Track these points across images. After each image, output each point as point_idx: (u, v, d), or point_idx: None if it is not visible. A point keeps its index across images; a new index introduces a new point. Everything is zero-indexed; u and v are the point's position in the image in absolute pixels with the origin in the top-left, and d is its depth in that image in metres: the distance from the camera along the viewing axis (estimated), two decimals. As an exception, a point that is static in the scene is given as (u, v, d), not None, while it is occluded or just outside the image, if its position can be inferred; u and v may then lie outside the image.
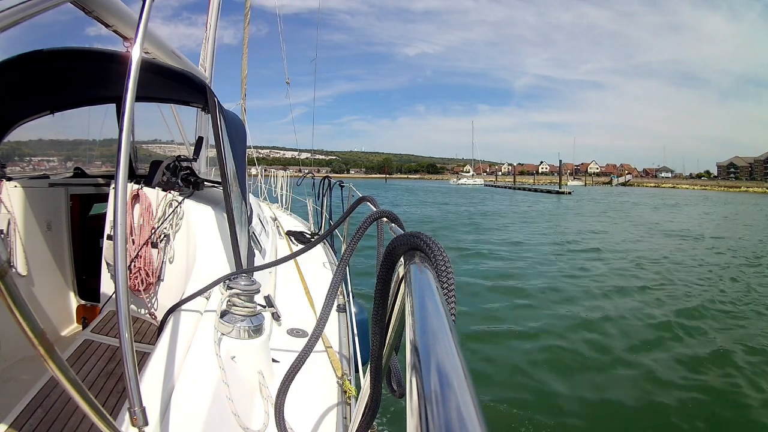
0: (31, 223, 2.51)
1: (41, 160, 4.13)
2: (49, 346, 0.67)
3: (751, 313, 7.09)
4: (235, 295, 1.47)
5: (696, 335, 6.01)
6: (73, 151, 4.46)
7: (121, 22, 1.89)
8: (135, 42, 1.00)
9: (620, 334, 5.96)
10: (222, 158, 1.76)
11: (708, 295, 8.01)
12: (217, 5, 4.78)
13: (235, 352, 1.42)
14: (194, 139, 4.53)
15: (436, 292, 0.47)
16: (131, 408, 0.88)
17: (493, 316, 6.52)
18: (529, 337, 5.76)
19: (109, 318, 2.35)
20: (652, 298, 7.76)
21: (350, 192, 4.91)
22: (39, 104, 2.70)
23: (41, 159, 4.14)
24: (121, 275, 0.92)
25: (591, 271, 10.00)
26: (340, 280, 1.14)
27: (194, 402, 1.18)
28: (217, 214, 2.19)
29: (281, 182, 7.84)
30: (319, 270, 3.34)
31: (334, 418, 1.54)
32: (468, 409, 0.27)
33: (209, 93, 1.92)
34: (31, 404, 1.60)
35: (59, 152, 4.41)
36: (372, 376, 0.81)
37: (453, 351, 0.35)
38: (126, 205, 1.05)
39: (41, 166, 3.95)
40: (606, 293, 8.02)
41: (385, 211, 1.09)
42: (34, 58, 1.96)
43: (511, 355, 5.25)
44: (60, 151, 4.44)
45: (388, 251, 0.65)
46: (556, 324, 6.28)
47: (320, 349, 1.94)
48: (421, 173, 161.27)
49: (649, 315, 6.78)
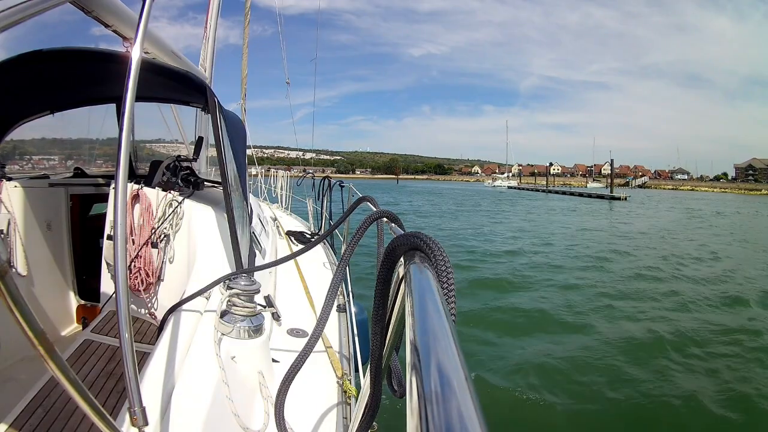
0: (31, 223, 2.51)
1: (41, 158, 4.13)
2: (49, 346, 0.67)
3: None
4: (235, 295, 1.47)
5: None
6: (75, 150, 4.45)
7: (121, 22, 1.89)
8: (135, 42, 1.01)
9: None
10: (222, 158, 1.76)
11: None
12: (217, 5, 4.79)
13: (235, 352, 1.42)
14: (194, 139, 4.53)
15: (436, 292, 0.47)
16: (131, 408, 0.88)
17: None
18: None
19: (109, 318, 2.35)
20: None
21: (350, 192, 4.91)
22: (39, 104, 2.71)
23: (40, 158, 4.13)
24: (121, 275, 0.92)
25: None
26: (340, 280, 1.14)
27: (194, 402, 1.18)
28: (218, 214, 2.19)
29: (281, 182, 7.84)
30: (319, 270, 3.34)
31: (334, 418, 1.54)
32: (468, 409, 0.27)
33: (209, 93, 1.92)
34: (31, 404, 1.60)
35: (60, 151, 4.40)
36: (372, 376, 0.81)
37: (453, 351, 0.35)
38: (126, 205, 1.05)
39: (40, 165, 3.95)
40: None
41: (385, 211, 1.09)
42: (34, 58, 1.96)
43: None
44: (61, 150, 4.44)
45: (388, 251, 0.65)
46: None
47: (320, 349, 1.93)
48: (428, 174, 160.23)
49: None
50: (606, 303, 7.54)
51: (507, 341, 5.76)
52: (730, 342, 5.93)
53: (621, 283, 9.10)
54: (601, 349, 5.49)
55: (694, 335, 6.13)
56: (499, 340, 5.77)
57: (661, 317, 6.88)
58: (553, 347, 5.57)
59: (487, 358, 5.15)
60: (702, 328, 6.43)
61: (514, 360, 5.13)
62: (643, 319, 6.74)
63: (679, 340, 5.91)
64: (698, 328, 6.45)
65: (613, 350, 5.46)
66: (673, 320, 6.72)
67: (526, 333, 6.05)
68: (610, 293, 8.21)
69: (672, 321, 6.68)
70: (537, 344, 5.67)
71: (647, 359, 5.28)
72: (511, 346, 5.59)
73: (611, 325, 6.50)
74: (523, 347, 5.56)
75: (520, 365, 4.96)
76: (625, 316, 6.94)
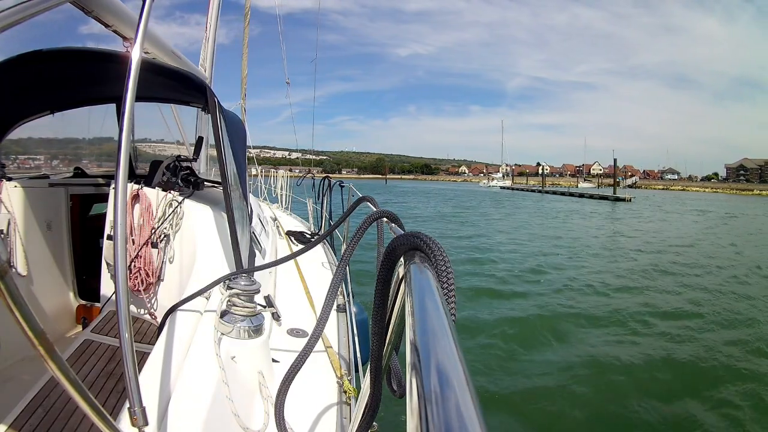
0: (31, 223, 2.51)
1: (27, 158, 4.07)
2: (49, 346, 0.67)
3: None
4: (235, 295, 1.47)
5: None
6: (61, 150, 4.41)
7: (121, 22, 1.89)
8: (135, 42, 1.01)
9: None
10: (222, 158, 1.76)
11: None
12: (217, 5, 4.79)
13: (235, 352, 1.41)
14: (194, 139, 4.53)
15: (436, 292, 0.47)
16: (131, 408, 0.88)
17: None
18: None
19: (109, 318, 2.35)
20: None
21: (350, 192, 4.91)
22: (39, 104, 2.71)
23: (27, 157, 4.07)
24: (121, 275, 0.92)
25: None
26: (340, 280, 1.14)
27: (194, 402, 1.18)
28: (217, 214, 2.19)
29: (281, 182, 7.84)
30: (319, 270, 3.34)
31: (334, 418, 1.54)
32: (468, 409, 0.27)
33: (209, 93, 1.92)
34: (31, 404, 1.60)
35: (46, 151, 4.34)
36: (372, 376, 0.81)
37: (453, 351, 0.35)
38: (126, 205, 1.05)
39: (26, 164, 3.91)
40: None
41: (385, 211, 1.09)
42: (34, 58, 1.97)
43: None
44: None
45: (389, 251, 0.65)
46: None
47: (320, 349, 1.93)
48: (415, 174, 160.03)
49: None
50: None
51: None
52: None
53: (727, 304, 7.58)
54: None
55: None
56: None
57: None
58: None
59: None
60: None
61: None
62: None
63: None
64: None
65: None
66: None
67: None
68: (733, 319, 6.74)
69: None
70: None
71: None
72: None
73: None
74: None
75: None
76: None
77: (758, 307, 7.60)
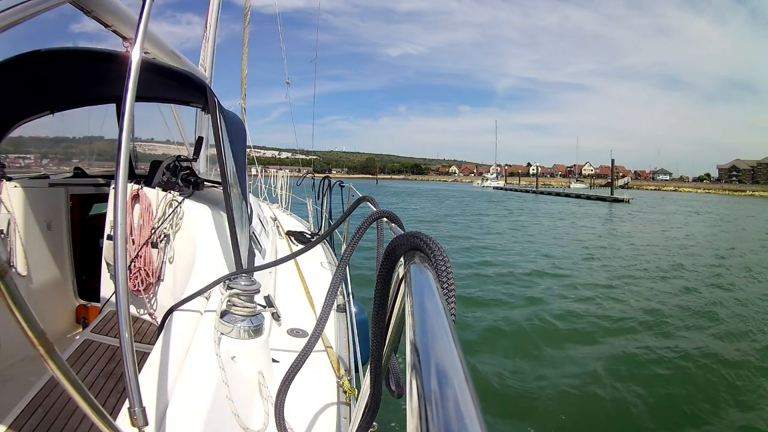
0: (31, 223, 2.51)
1: (17, 157, 4.02)
2: (49, 346, 0.67)
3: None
4: (235, 295, 1.47)
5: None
6: (51, 149, 4.37)
7: (121, 22, 1.89)
8: (135, 42, 1.01)
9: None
10: (222, 158, 1.76)
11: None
12: (217, 5, 4.79)
13: (235, 352, 1.41)
14: (194, 139, 4.53)
15: (436, 292, 0.47)
16: (131, 408, 0.88)
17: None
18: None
19: (109, 318, 2.35)
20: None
21: (350, 192, 4.91)
22: (39, 104, 2.71)
23: (16, 156, 4.02)
24: (121, 275, 0.92)
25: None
26: (340, 280, 1.14)
27: (194, 402, 1.17)
28: (217, 214, 2.19)
29: (281, 182, 7.84)
30: (319, 270, 3.34)
31: (334, 418, 1.54)
32: (468, 409, 0.27)
33: (209, 93, 1.92)
34: (31, 404, 1.60)
35: (36, 150, 4.31)
36: (372, 376, 0.81)
37: (453, 351, 0.35)
38: (126, 205, 1.05)
39: (16, 163, 3.88)
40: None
41: (385, 211, 1.09)
42: (33, 59, 1.97)
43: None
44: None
45: (388, 251, 0.65)
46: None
47: (320, 349, 1.93)
48: (405, 174, 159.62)
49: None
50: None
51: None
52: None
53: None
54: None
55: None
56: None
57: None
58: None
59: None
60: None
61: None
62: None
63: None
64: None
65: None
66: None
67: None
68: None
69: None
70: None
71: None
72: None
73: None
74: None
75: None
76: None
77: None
